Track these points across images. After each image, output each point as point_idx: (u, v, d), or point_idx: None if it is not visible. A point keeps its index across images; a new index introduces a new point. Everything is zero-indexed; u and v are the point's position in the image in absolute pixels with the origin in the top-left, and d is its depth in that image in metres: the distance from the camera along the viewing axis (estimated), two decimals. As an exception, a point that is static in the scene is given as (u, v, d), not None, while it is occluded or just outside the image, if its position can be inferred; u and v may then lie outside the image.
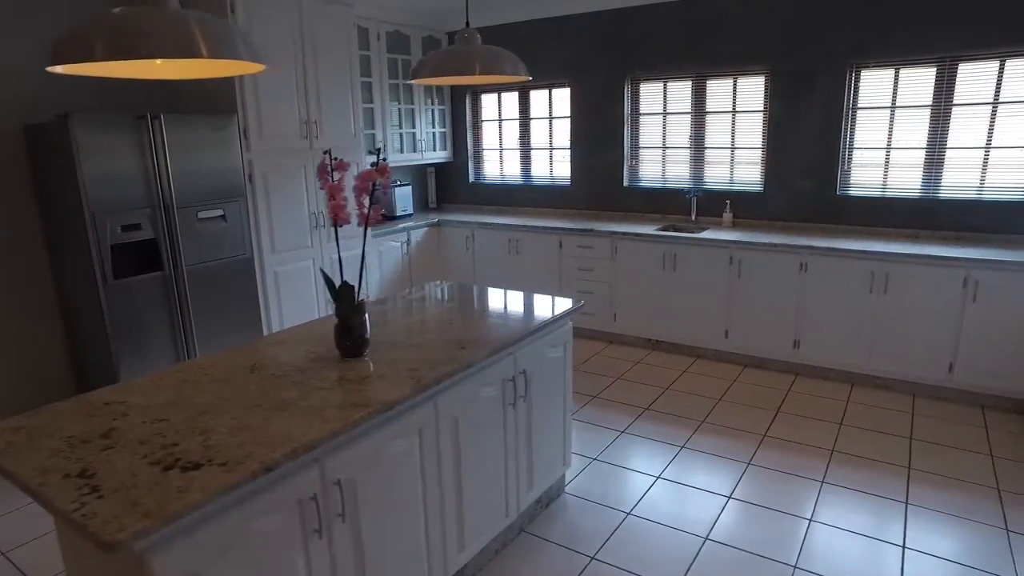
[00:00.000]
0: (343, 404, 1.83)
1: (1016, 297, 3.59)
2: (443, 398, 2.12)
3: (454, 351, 2.24)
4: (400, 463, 1.98)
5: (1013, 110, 3.95)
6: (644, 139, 5.28)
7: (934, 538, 2.62)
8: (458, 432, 2.21)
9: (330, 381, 2.01)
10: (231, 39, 1.47)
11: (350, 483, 1.80)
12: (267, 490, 1.57)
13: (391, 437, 1.93)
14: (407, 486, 2.02)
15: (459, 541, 2.29)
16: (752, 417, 3.73)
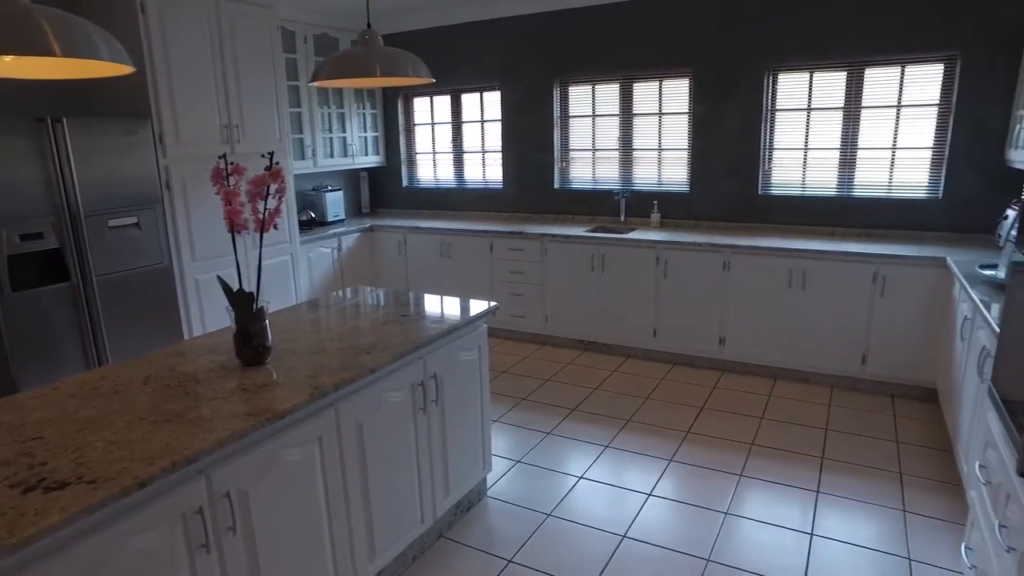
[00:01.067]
0: (235, 414, 1.78)
1: (918, 290, 3.75)
2: (345, 405, 2.08)
3: (358, 357, 2.20)
4: (298, 472, 1.93)
5: (914, 113, 4.14)
6: (574, 141, 5.33)
7: (840, 524, 2.70)
8: (363, 439, 2.17)
9: (226, 391, 1.95)
10: (88, 38, 1.41)
11: (241, 494, 1.75)
12: (145, 506, 1.51)
13: (287, 446, 1.88)
14: (307, 495, 1.97)
15: (369, 550, 2.25)
16: (677, 415, 3.79)
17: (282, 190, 2.08)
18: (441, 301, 2.94)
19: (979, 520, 2.08)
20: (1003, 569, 1.75)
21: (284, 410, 1.82)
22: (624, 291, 4.64)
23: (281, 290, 4.70)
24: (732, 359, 4.40)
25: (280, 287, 4.69)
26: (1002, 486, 1.86)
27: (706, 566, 2.47)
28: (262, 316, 2.15)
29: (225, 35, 4.14)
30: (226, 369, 2.13)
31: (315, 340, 2.42)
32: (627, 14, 4.81)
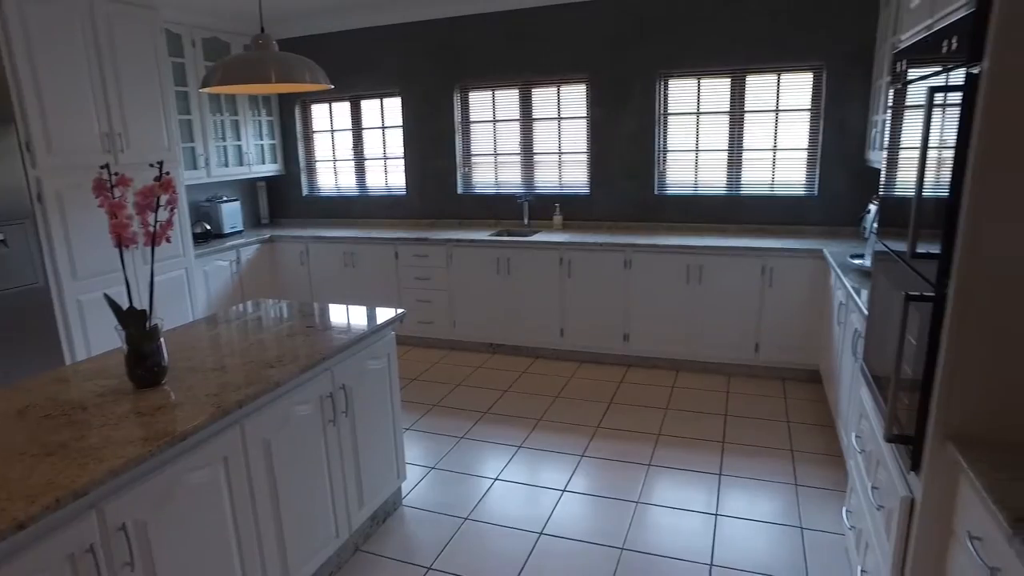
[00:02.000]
0: (129, 440, 1.67)
1: (801, 280, 4.05)
2: (251, 422, 2.01)
3: (262, 371, 2.13)
4: (203, 496, 1.84)
5: (790, 117, 4.47)
6: (476, 146, 5.37)
7: (741, 503, 2.87)
8: (272, 456, 2.10)
9: (117, 416, 1.83)
10: None
11: (139, 526, 1.65)
12: (26, 550, 1.39)
13: (189, 469, 1.79)
14: (214, 519, 1.88)
15: (282, 569, 2.18)
16: (587, 411, 3.89)
17: (173, 201, 1.98)
18: (347, 311, 2.89)
19: (856, 485, 2.28)
20: (875, 526, 1.93)
21: (185, 431, 1.73)
22: (530, 293, 4.72)
23: (176, 307, 4.45)
24: (637, 354, 4.57)
25: (175, 304, 4.44)
26: (873, 453, 2.04)
27: (621, 555, 2.56)
28: (156, 334, 2.04)
29: (102, 36, 3.88)
30: (118, 393, 2.00)
31: (215, 357, 2.32)
32: (525, 21, 4.90)
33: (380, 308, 2.85)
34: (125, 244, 1.97)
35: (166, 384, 2.05)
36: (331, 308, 2.94)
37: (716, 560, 2.50)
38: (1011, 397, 1.49)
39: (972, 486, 1.37)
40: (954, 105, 1.48)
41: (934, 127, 1.60)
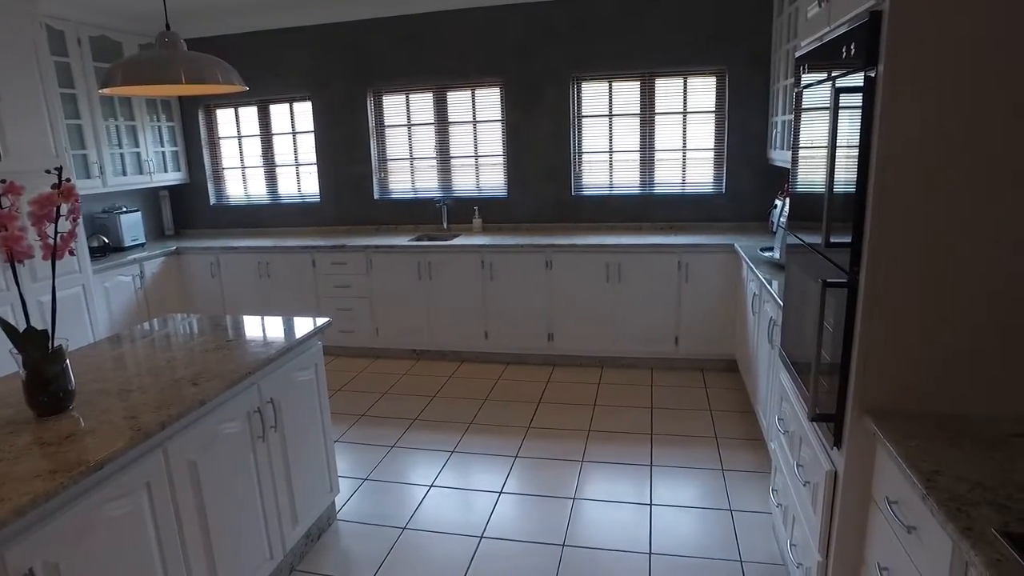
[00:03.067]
0: (34, 474, 1.53)
1: (715, 274, 4.24)
2: (174, 444, 1.89)
3: (184, 389, 2.01)
4: (125, 528, 1.71)
5: (698, 119, 4.67)
6: (391, 151, 5.29)
7: (673, 491, 2.97)
8: (199, 478, 1.98)
9: (18, 449, 1.67)
10: None
11: (50, 569, 1.50)
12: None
13: (108, 500, 1.66)
14: (137, 551, 1.76)
15: (213, 599, 2.06)
16: (516, 411, 3.91)
17: (76, 211, 1.84)
18: (262, 323, 2.77)
19: (781, 465, 2.40)
20: (801, 500, 2.05)
21: (101, 460, 1.61)
22: (453, 297, 4.69)
23: (74, 327, 4.11)
24: (561, 353, 4.64)
25: (72, 323, 4.10)
26: (796, 432, 2.16)
27: (562, 551, 2.58)
28: (61, 356, 1.88)
29: (-30, 31, 3.54)
30: (15, 424, 1.83)
31: (127, 377, 2.17)
32: (438, 24, 4.88)
33: (303, 318, 2.75)
34: (18, 259, 1.81)
35: (74, 410, 1.90)
36: (251, 320, 2.81)
37: (654, 548, 2.57)
38: (918, 372, 1.61)
39: (888, 454, 1.48)
40: (853, 107, 1.59)
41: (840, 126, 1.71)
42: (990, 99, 1.45)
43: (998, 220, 1.50)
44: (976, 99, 1.45)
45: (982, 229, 1.51)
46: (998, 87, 1.44)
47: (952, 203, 1.51)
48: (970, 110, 1.46)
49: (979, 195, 1.50)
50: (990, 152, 1.47)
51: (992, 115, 1.46)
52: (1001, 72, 1.43)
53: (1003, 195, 1.49)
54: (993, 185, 1.49)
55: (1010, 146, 1.46)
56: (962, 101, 1.46)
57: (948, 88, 1.46)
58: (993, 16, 1.41)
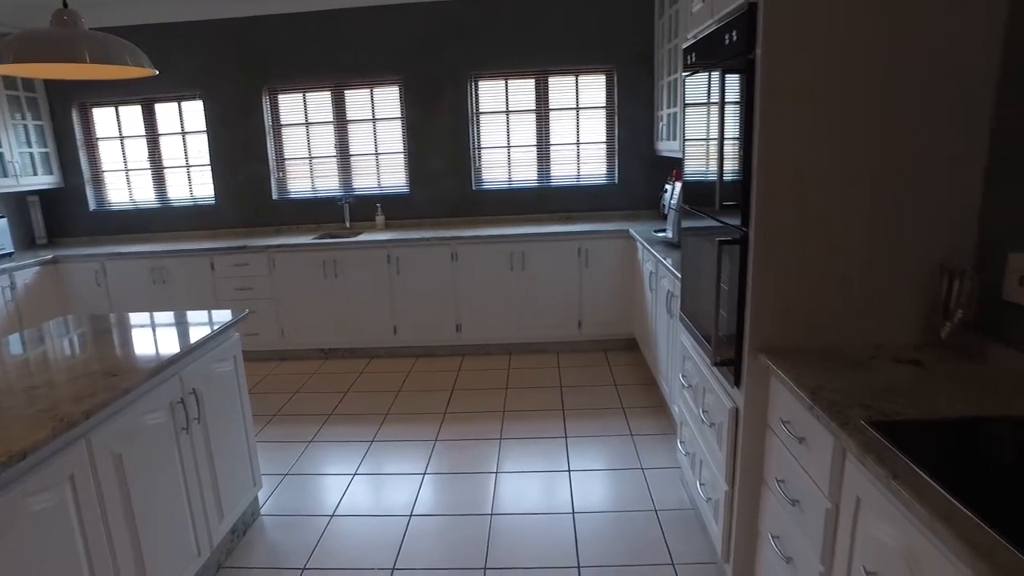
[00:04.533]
0: (-45, 465, 1.46)
1: (612, 258, 4.52)
2: (98, 435, 1.84)
3: (104, 380, 1.95)
4: (48, 522, 1.66)
5: (590, 114, 4.96)
6: (289, 150, 5.21)
7: (588, 458, 3.17)
8: (124, 470, 1.93)
9: (-72, 446, 1.58)
10: None
11: (-24, 563, 1.45)
12: None
13: (29, 493, 1.60)
14: (61, 547, 1.70)
15: (143, 595, 2.00)
16: (431, 400, 3.99)
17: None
18: (176, 316, 2.70)
19: (686, 418, 2.65)
20: (707, 442, 2.29)
21: (24, 449, 1.55)
22: (360, 294, 4.69)
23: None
24: (470, 343, 4.75)
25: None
26: (699, 384, 2.41)
27: (491, 520, 2.70)
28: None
29: None
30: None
31: (31, 376, 2.07)
32: (336, 22, 4.86)
33: (216, 311, 2.71)
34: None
35: (-20, 408, 1.80)
36: (161, 316, 2.73)
37: (576, 508, 2.75)
38: (800, 314, 1.87)
39: (781, 381, 1.72)
40: (737, 86, 1.83)
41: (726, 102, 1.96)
42: (854, 73, 1.72)
43: (862, 182, 1.79)
44: (843, 74, 1.72)
45: (848, 190, 1.79)
46: (861, 64, 1.72)
47: (823, 166, 1.78)
48: (838, 84, 1.73)
49: (847, 159, 1.77)
50: (853, 119, 1.75)
51: (855, 88, 1.73)
52: (862, 50, 1.71)
53: (868, 159, 1.77)
54: (858, 150, 1.77)
55: (869, 114, 1.74)
56: (832, 76, 1.73)
57: (819, 65, 1.72)
58: (851, 7, 1.69)
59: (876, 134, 1.76)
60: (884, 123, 1.75)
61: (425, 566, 2.44)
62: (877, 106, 1.74)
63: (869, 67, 1.72)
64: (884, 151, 1.77)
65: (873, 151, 1.77)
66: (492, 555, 2.48)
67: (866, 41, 1.71)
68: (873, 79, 1.73)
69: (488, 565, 2.42)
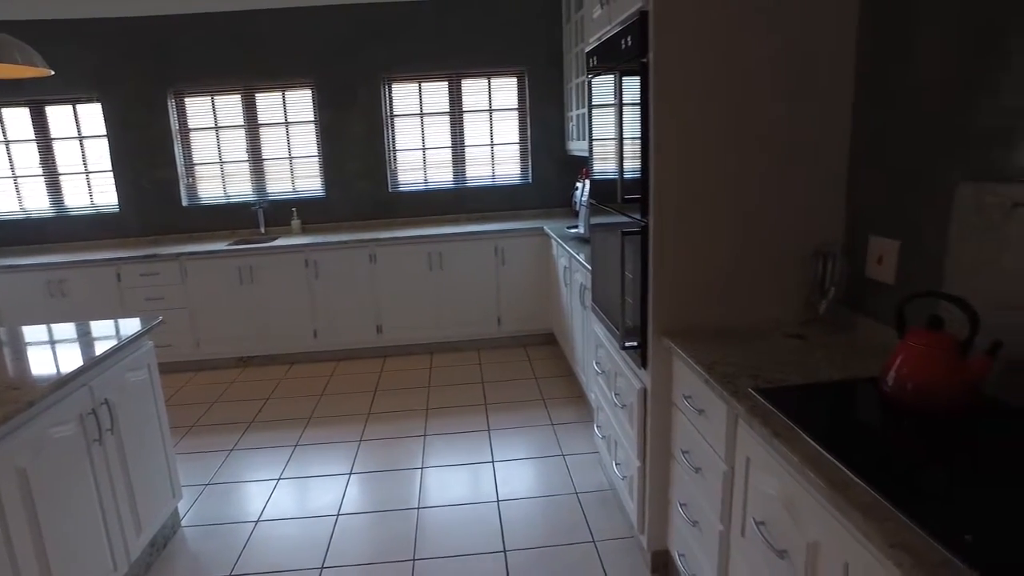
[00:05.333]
0: None
1: (528, 256, 4.66)
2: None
3: (5, 394, 1.88)
4: (-45, 539, 1.60)
5: (503, 116, 5.08)
6: (199, 155, 5.06)
7: (511, 448, 3.27)
8: (29, 487, 1.87)
9: None
10: None
11: None
12: None
13: (-67, 511, 1.55)
14: (-29, 565, 1.64)
15: (57, 614, 1.94)
16: (354, 402, 3.99)
17: None
18: (84, 326, 2.61)
19: (602, 404, 2.79)
20: (620, 424, 2.44)
21: (-75, 465, 1.50)
22: (278, 299, 4.62)
23: None
24: (392, 344, 4.77)
25: None
26: (612, 369, 2.55)
27: (418, 514, 2.75)
28: None
29: None
30: None
31: (-71, 392, 1.97)
32: (241, 23, 4.76)
33: (131, 319, 2.64)
34: None
35: None
36: (62, 327, 2.63)
37: (501, 496, 2.84)
38: (697, 297, 2.04)
39: (682, 360, 1.87)
40: (634, 88, 1.98)
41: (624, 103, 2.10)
42: (735, 76, 1.90)
43: (746, 176, 1.96)
44: (726, 76, 1.89)
45: (734, 183, 1.96)
46: (741, 67, 1.89)
47: (712, 161, 1.94)
48: (722, 85, 1.90)
49: (733, 154, 1.94)
50: (736, 117, 1.92)
51: (737, 89, 1.90)
52: (741, 53, 1.88)
53: (750, 154, 1.95)
54: (742, 145, 1.94)
55: (750, 113, 1.92)
56: (716, 77, 1.89)
57: (704, 68, 1.88)
58: (730, 12, 1.86)
59: (756, 131, 1.94)
60: (762, 121, 1.93)
61: (354, 562, 2.47)
62: (756, 106, 1.92)
63: (748, 69, 1.90)
64: (763, 146, 1.95)
65: (754, 146, 1.95)
66: (420, 547, 2.54)
67: (745, 45, 1.88)
68: (752, 81, 1.91)
69: (417, 556, 2.48)
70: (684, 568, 2.03)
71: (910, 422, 1.38)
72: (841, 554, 1.16)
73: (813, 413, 1.43)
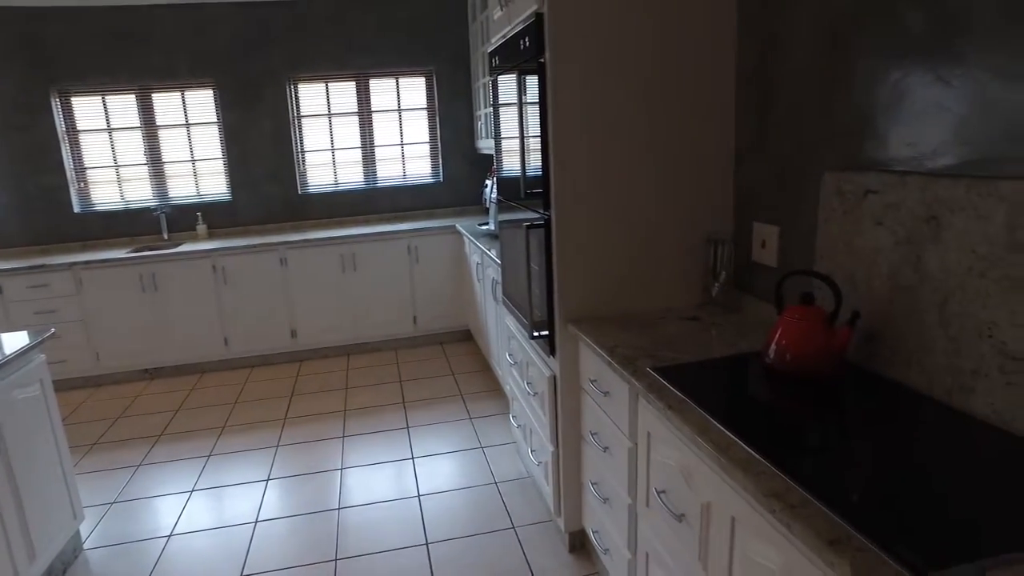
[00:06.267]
0: None
1: (442, 254, 4.70)
2: None
3: None
4: None
5: (412, 115, 5.09)
6: (90, 159, 4.78)
7: (431, 443, 3.30)
8: (-86, 513, 1.76)
9: None
10: None
11: None
12: None
13: None
14: None
15: (-51, 646, 1.83)
16: (270, 408, 3.91)
17: None
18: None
19: (516, 394, 2.88)
20: (534, 411, 2.53)
21: None
22: (184, 307, 4.46)
23: None
24: (307, 347, 4.69)
25: None
26: (523, 360, 2.64)
27: (339, 514, 2.75)
28: None
29: None
30: None
31: None
32: (138, 20, 4.54)
33: (17, 332, 2.49)
34: None
35: None
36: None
37: (422, 491, 2.87)
38: (598, 286, 2.14)
39: (587, 345, 1.97)
40: (533, 86, 2.06)
41: (525, 103, 2.18)
42: (628, 74, 2.01)
43: (642, 170, 2.08)
44: (619, 75, 2.00)
45: (629, 177, 2.08)
46: (633, 66, 2.00)
47: (608, 156, 2.05)
48: (617, 84, 2.01)
49: (626, 149, 2.06)
50: (629, 114, 2.04)
51: (631, 87, 2.02)
52: (634, 55, 2.00)
53: (643, 149, 2.07)
54: (635, 141, 2.06)
55: (642, 110, 2.04)
56: (610, 76, 2.00)
57: (599, 67, 1.98)
58: (621, 16, 1.97)
59: (650, 127, 2.06)
60: (655, 118, 2.06)
61: (275, 568, 2.44)
62: (649, 104, 2.05)
63: (640, 69, 2.02)
64: (656, 142, 2.08)
65: (648, 142, 2.07)
66: (342, 546, 2.53)
67: (635, 46, 2.00)
68: (644, 80, 2.03)
69: (339, 556, 2.48)
70: (599, 544, 2.13)
71: (788, 388, 1.53)
72: (728, 510, 1.27)
73: (703, 386, 1.55)
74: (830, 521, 1.01)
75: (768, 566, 1.15)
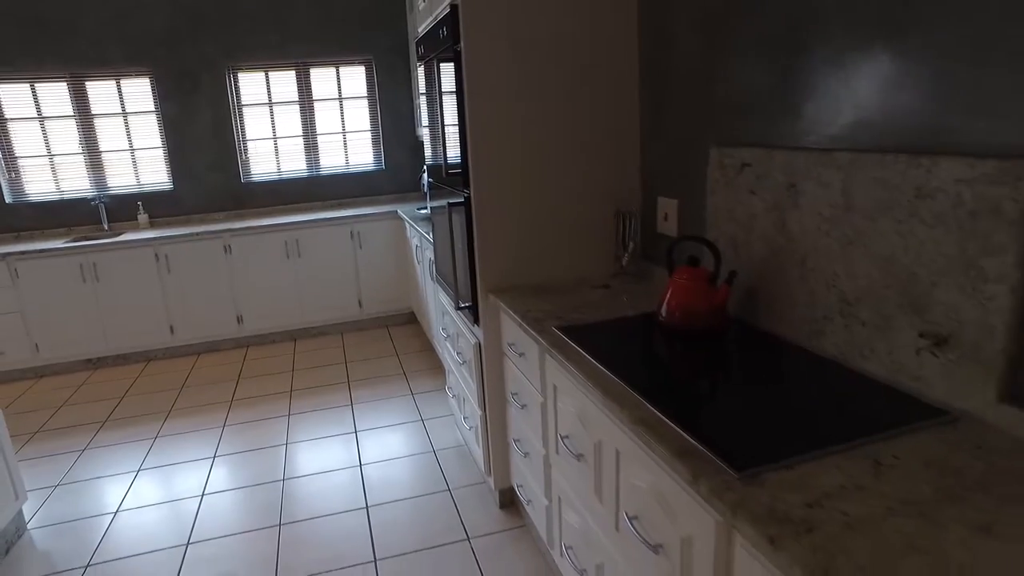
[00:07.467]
0: None
1: (384, 238, 4.82)
2: None
3: None
4: None
5: (353, 104, 5.17)
6: (21, 148, 4.72)
7: (374, 418, 3.44)
8: None
9: None
10: None
11: None
12: None
13: None
14: None
15: None
16: (217, 392, 3.98)
17: None
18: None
19: (450, 366, 3.04)
20: (464, 379, 2.69)
21: None
22: (128, 296, 4.47)
23: None
24: (253, 333, 4.76)
25: None
26: (454, 333, 2.80)
27: (283, 485, 2.87)
28: None
29: None
30: None
31: None
32: (64, 6, 4.49)
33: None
34: None
35: None
36: None
37: (364, 461, 3.02)
38: (515, 258, 2.32)
39: (505, 312, 2.14)
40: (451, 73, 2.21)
41: (443, 91, 2.32)
42: (539, 62, 2.17)
43: (553, 149, 2.25)
44: (530, 62, 2.16)
45: (541, 156, 2.25)
46: (545, 54, 2.17)
47: (521, 136, 2.22)
48: (531, 70, 2.17)
49: (538, 131, 2.23)
50: (541, 99, 2.20)
51: (542, 73, 2.18)
52: (545, 43, 2.16)
53: (555, 130, 2.24)
54: (547, 123, 2.23)
55: (553, 94, 2.21)
56: (523, 63, 2.16)
57: (512, 54, 2.14)
58: (530, 2, 2.13)
59: (560, 108, 2.24)
60: (566, 100, 2.23)
61: (221, 534, 2.56)
62: (559, 87, 2.22)
63: (550, 53, 2.18)
64: (567, 122, 2.25)
65: (559, 122, 2.25)
66: (287, 512, 2.67)
67: (545, 32, 2.17)
68: (554, 64, 2.19)
69: (284, 521, 2.61)
70: (523, 497, 2.32)
71: (675, 342, 1.72)
72: (614, 444, 1.46)
73: (600, 342, 1.74)
74: (681, 439, 1.20)
75: (642, 486, 1.34)
